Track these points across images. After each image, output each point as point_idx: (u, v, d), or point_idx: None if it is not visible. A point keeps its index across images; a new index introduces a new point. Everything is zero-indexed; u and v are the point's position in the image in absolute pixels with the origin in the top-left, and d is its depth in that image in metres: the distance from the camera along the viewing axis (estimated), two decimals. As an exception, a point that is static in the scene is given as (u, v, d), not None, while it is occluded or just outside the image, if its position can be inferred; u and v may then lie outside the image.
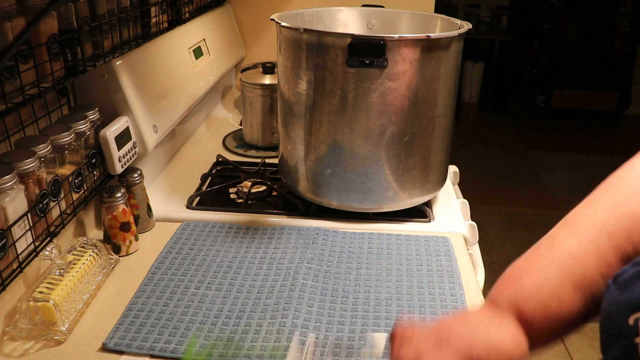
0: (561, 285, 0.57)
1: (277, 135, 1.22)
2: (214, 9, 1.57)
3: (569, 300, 0.57)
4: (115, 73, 0.96)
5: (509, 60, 4.32)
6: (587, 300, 0.57)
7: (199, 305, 0.78)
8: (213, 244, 0.93)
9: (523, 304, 0.58)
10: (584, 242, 0.58)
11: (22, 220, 0.73)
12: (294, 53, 0.93)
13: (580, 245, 0.58)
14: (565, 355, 2.08)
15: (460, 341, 0.56)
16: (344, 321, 0.76)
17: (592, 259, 0.57)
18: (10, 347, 0.71)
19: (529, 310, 0.58)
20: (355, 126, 0.91)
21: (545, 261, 0.59)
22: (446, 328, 0.58)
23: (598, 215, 0.59)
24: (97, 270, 0.83)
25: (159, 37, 1.16)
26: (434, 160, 0.99)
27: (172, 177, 1.19)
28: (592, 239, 0.58)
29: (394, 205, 0.99)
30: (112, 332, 0.73)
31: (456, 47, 0.93)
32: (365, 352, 0.68)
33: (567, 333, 0.58)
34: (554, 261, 0.59)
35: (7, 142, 0.79)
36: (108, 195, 0.88)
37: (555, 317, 0.57)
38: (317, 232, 0.96)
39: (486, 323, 0.58)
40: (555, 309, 0.57)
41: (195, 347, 0.70)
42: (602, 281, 0.55)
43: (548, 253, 0.60)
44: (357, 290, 0.82)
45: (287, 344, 0.71)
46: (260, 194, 1.10)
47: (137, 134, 1.01)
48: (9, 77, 0.70)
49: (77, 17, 0.85)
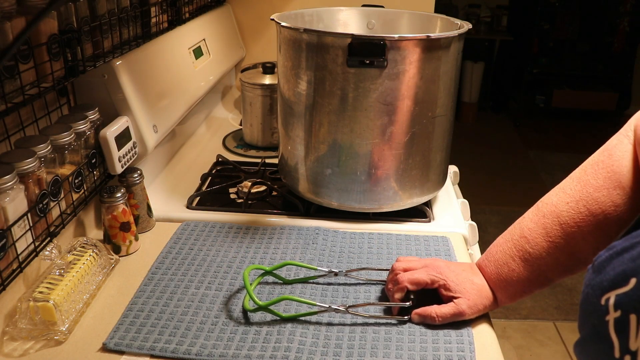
0: (511, 257, 0.75)
1: (277, 135, 1.22)
2: (214, 9, 1.57)
3: (517, 270, 0.75)
4: (115, 73, 0.96)
5: (509, 60, 4.32)
6: (535, 272, 0.74)
7: (199, 305, 0.78)
8: (213, 244, 0.93)
9: (484, 267, 0.79)
10: (540, 227, 0.74)
11: (22, 220, 0.73)
12: (294, 53, 0.93)
13: (534, 228, 0.74)
14: (565, 355, 2.08)
15: (437, 268, 0.77)
16: (344, 321, 0.76)
17: (541, 241, 0.73)
18: (10, 347, 0.71)
19: (488, 272, 0.78)
20: (355, 126, 0.91)
21: (507, 237, 0.78)
22: (434, 261, 0.79)
23: (559, 206, 0.73)
24: (97, 270, 0.83)
25: (159, 37, 1.16)
26: (434, 160, 0.99)
27: (172, 177, 1.19)
28: (546, 226, 0.73)
29: (394, 205, 0.99)
30: (112, 332, 0.73)
31: (456, 47, 0.93)
32: None
33: (522, 294, 0.76)
34: (512, 238, 0.76)
35: (7, 142, 0.79)
36: (108, 195, 0.88)
37: (505, 281, 0.76)
38: (317, 232, 0.96)
39: (465, 270, 0.79)
40: (505, 275, 0.76)
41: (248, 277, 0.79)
42: (549, 259, 0.73)
43: (511, 231, 0.78)
44: (358, 290, 0.82)
45: (287, 344, 0.71)
46: (260, 194, 1.10)
47: (137, 134, 1.01)
48: (9, 77, 0.70)
49: (77, 17, 0.85)
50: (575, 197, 0.71)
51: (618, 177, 0.68)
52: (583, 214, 0.70)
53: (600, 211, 0.68)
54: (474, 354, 0.70)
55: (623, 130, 0.71)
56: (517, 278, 0.75)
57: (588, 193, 0.70)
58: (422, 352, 0.70)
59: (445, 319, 0.74)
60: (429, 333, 0.74)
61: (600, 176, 0.69)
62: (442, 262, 0.80)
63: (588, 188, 0.70)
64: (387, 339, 0.72)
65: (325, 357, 0.69)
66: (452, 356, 0.70)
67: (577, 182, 0.72)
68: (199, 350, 0.70)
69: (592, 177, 0.70)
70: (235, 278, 0.84)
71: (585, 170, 0.71)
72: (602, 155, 0.71)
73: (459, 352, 0.70)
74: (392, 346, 0.71)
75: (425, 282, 0.76)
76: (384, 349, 0.71)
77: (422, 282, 0.76)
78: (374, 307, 0.78)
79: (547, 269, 0.74)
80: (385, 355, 0.70)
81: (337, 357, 0.69)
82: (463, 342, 0.72)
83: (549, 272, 0.74)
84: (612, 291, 0.44)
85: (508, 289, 0.76)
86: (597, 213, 0.69)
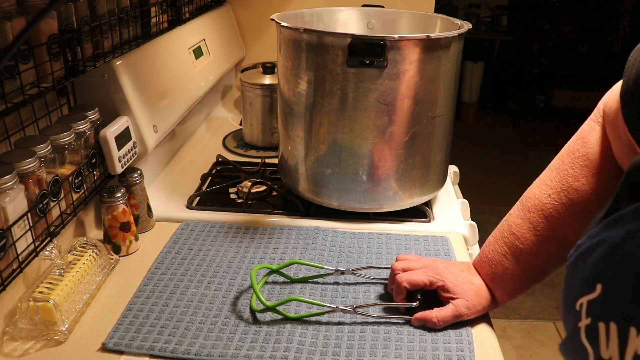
0: (504, 255, 0.76)
1: (277, 135, 1.22)
2: (214, 9, 1.57)
3: (511, 268, 0.75)
4: (115, 73, 0.96)
5: (509, 60, 4.32)
6: (528, 267, 0.74)
7: (199, 305, 0.78)
8: (213, 244, 0.93)
9: (480, 268, 0.79)
10: (526, 222, 0.74)
11: (22, 220, 0.73)
12: (294, 53, 0.93)
13: (521, 224, 0.74)
14: (565, 355, 2.08)
15: (435, 269, 0.77)
16: (344, 321, 0.76)
17: (529, 236, 0.74)
18: (10, 347, 0.71)
19: (484, 273, 0.78)
20: (355, 126, 0.91)
21: (497, 235, 0.78)
22: (434, 262, 0.79)
23: (542, 199, 0.73)
24: (97, 270, 0.83)
25: (159, 37, 1.16)
26: (434, 160, 0.99)
27: (172, 177, 1.19)
28: (532, 220, 0.73)
29: (394, 205, 0.99)
30: (112, 332, 0.73)
31: (456, 47, 0.93)
32: None
33: (521, 291, 0.77)
34: (502, 236, 0.77)
35: (7, 142, 0.79)
36: (108, 195, 0.88)
37: (502, 280, 0.76)
38: (316, 231, 0.96)
39: (463, 270, 0.79)
40: (501, 274, 0.76)
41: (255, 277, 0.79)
42: (540, 253, 0.73)
43: (500, 229, 0.78)
44: (357, 290, 0.82)
45: (286, 344, 0.71)
46: (260, 194, 1.10)
47: (137, 134, 1.01)
48: (9, 77, 0.70)
49: (77, 17, 0.85)
50: (556, 188, 0.71)
51: (594, 164, 0.68)
52: (566, 205, 0.70)
53: (582, 199, 0.69)
54: (474, 354, 0.70)
55: (594, 115, 0.71)
56: (512, 275, 0.75)
57: (568, 183, 0.70)
58: (422, 351, 0.70)
59: (446, 322, 0.74)
60: (428, 333, 0.74)
61: (577, 165, 0.69)
62: (442, 262, 0.80)
63: (567, 178, 0.70)
64: (387, 339, 0.72)
65: (325, 356, 0.69)
66: (451, 356, 0.70)
67: (556, 173, 0.72)
68: (198, 350, 0.70)
69: (569, 166, 0.70)
70: (234, 278, 0.84)
71: (563, 160, 0.72)
72: (577, 144, 0.71)
73: (458, 352, 0.70)
74: (392, 346, 0.71)
75: (424, 282, 0.76)
76: (383, 348, 0.71)
77: (420, 283, 0.76)
78: (381, 307, 0.78)
79: (540, 262, 0.74)
80: (385, 355, 0.70)
81: (336, 356, 0.69)
82: (462, 342, 0.72)
83: (542, 265, 0.74)
84: (583, 297, 0.41)
85: (505, 287, 0.76)
86: (579, 202, 0.69)
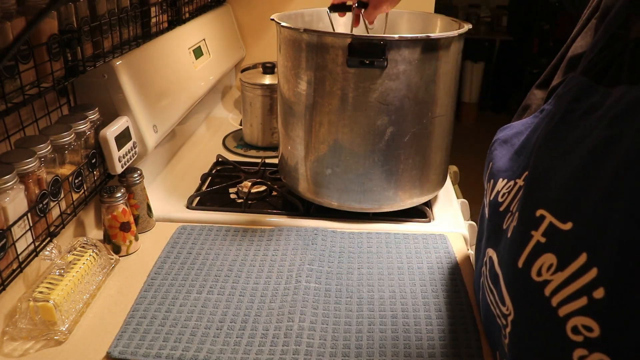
0: None
1: (277, 135, 1.22)
2: (214, 9, 1.57)
3: None
4: (115, 73, 0.96)
5: (509, 60, 4.32)
6: None
7: (202, 310, 0.77)
8: (212, 247, 0.92)
9: None
10: None
11: (22, 220, 0.73)
12: (294, 53, 0.93)
13: None
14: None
15: None
16: (351, 321, 0.75)
17: None
18: (10, 347, 0.71)
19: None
20: (355, 126, 0.91)
21: None
22: None
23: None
24: (97, 270, 0.83)
25: (159, 37, 1.16)
26: (434, 160, 0.99)
27: (172, 177, 1.19)
28: None
29: (394, 205, 0.99)
30: (116, 340, 0.71)
31: (456, 47, 0.93)
32: None
33: None
34: None
35: (7, 142, 0.79)
36: (108, 195, 0.88)
37: None
38: (315, 232, 0.96)
39: None
40: None
41: None
42: None
43: None
44: (361, 290, 0.82)
45: (295, 347, 0.71)
46: (260, 194, 1.10)
47: (137, 134, 1.01)
48: (9, 77, 0.70)
49: (77, 17, 0.85)
50: None
51: None
52: None
53: None
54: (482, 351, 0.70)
55: None
56: None
57: None
58: (430, 349, 0.70)
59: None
60: (436, 334, 0.74)
61: None
62: None
63: None
64: (395, 338, 0.72)
65: (334, 358, 0.69)
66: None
67: None
68: (206, 356, 0.69)
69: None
70: (236, 281, 0.84)
71: None
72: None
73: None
74: (400, 345, 0.71)
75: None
76: (392, 347, 0.70)
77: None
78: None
79: None
80: (394, 354, 0.69)
81: (345, 357, 0.69)
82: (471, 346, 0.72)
83: None
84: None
85: None
86: None
